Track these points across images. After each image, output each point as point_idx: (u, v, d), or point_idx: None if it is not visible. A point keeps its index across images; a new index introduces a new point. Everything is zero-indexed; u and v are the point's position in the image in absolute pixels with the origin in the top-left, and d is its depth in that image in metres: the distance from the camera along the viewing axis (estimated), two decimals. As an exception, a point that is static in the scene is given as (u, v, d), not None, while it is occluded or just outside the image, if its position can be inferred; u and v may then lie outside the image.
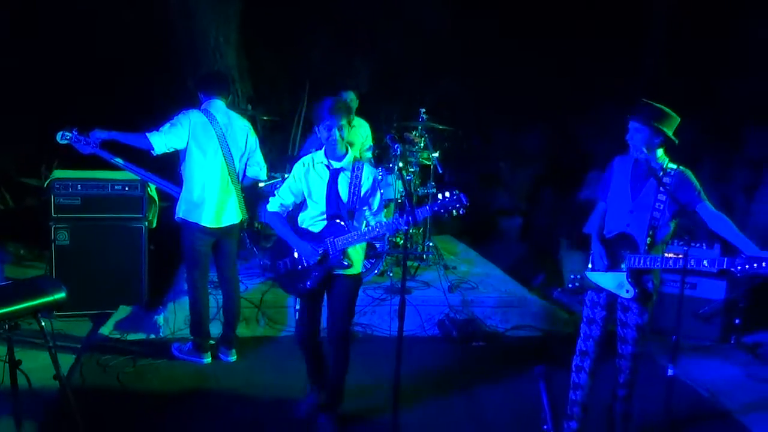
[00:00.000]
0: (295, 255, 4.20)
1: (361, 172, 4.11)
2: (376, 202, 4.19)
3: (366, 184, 4.10)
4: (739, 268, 3.53)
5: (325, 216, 4.16)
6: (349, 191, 4.10)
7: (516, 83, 8.85)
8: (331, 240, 4.08)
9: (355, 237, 4.03)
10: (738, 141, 8.27)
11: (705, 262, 3.66)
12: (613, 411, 4.20)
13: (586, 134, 9.25)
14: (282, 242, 4.28)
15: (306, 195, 4.22)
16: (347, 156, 4.12)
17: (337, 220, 4.10)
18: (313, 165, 4.20)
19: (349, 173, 4.12)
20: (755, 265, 3.49)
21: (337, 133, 4.02)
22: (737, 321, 6.06)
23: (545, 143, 9.73)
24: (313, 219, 4.20)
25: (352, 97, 7.35)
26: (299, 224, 4.27)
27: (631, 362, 4.10)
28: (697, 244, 5.98)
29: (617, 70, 8.80)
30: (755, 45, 7.94)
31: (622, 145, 4.16)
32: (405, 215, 3.79)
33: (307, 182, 4.19)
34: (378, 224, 4.03)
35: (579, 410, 4.21)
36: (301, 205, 4.33)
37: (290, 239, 4.18)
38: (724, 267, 3.57)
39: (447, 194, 3.82)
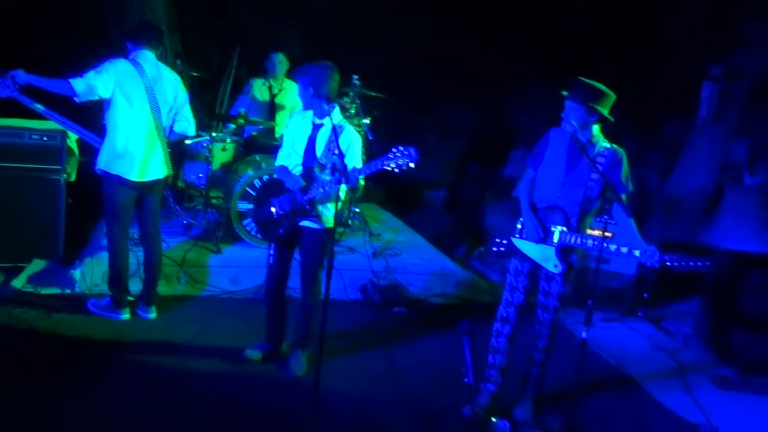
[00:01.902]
0: (272, 207, 4.56)
1: (341, 132, 4.31)
2: (350, 163, 4.29)
3: (342, 144, 4.22)
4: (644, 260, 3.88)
5: (301, 166, 4.50)
6: (325, 147, 4.39)
7: (447, 54, 8.91)
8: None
9: (320, 186, 4.31)
10: (655, 126, 8.59)
11: (624, 250, 3.90)
12: (529, 374, 4.37)
13: (514, 110, 9.41)
14: (261, 194, 4.76)
15: (290, 144, 4.57)
16: (331, 115, 4.29)
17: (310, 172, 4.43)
18: (302, 118, 4.57)
19: (328, 131, 4.33)
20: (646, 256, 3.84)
21: (311, 92, 4.35)
22: (645, 295, 6.34)
23: (473, 117, 9.85)
24: (293, 167, 4.54)
25: (281, 59, 7.29)
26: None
27: (550, 329, 4.27)
28: (614, 221, 6.20)
29: (544, 49, 8.95)
30: (676, 34, 8.24)
31: (548, 122, 4.27)
32: (339, 175, 3.82)
33: (293, 133, 4.58)
34: (332, 180, 4.27)
35: (496, 373, 4.35)
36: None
37: (284, 176, 4.53)
38: (638, 258, 3.89)
39: (399, 149, 3.89)
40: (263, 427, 3.99)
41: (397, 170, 3.90)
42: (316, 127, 4.48)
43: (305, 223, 4.50)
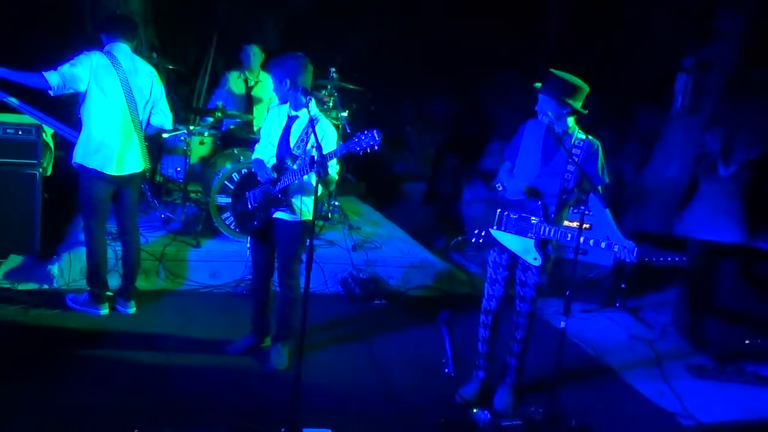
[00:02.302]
0: (248, 202, 4.60)
1: (316, 125, 4.19)
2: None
3: (318, 135, 4.11)
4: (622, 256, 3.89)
5: (275, 158, 4.53)
6: (298, 138, 4.39)
7: (424, 47, 8.92)
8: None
9: (290, 176, 4.33)
10: (630, 118, 8.67)
11: (603, 244, 3.93)
12: (508, 364, 4.41)
13: (490, 102, 9.46)
14: (238, 187, 4.78)
15: (266, 137, 4.62)
16: (307, 107, 4.23)
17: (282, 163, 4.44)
18: (279, 111, 4.58)
19: (304, 122, 4.34)
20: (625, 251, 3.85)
21: (287, 84, 4.34)
22: (623, 285, 6.41)
23: (451, 110, 9.88)
24: (269, 159, 4.56)
25: (255, 51, 7.23)
26: None
27: (527, 319, 4.31)
28: (590, 212, 6.25)
29: (520, 41, 9.00)
30: (649, 26, 8.31)
31: (524, 115, 4.29)
32: (316, 166, 3.82)
33: (270, 126, 4.63)
34: (299, 168, 4.29)
35: (485, 361, 4.45)
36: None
37: (258, 168, 4.54)
38: (616, 254, 3.91)
39: (363, 132, 3.91)
40: (246, 419, 3.98)
41: (361, 152, 3.94)
42: (291, 119, 4.48)
43: (279, 215, 4.50)
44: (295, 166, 4.36)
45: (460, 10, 8.97)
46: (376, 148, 3.93)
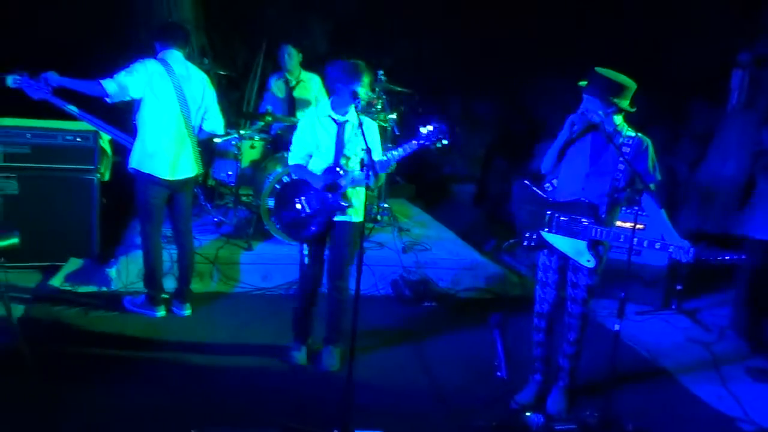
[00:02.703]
0: (298, 206, 4.52)
1: (364, 125, 4.21)
2: (376, 152, 4.34)
3: (367, 135, 4.15)
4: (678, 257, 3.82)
5: (332, 163, 4.46)
6: (353, 142, 4.43)
7: (471, 48, 8.88)
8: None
9: (349, 179, 4.34)
10: (683, 115, 8.49)
11: (657, 245, 3.86)
12: (561, 367, 4.36)
13: (537, 102, 9.36)
14: (285, 192, 4.63)
15: (307, 144, 4.51)
16: (350, 110, 4.31)
17: (337, 169, 4.41)
18: (319, 119, 4.48)
19: (354, 126, 4.38)
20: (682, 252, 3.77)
21: (362, 91, 4.34)
22: (679, 287, 6.27)
23: (497, 110, 9.82)
24: (321, 166, 4.48)
25: (291, 51, 7.19)
26: None
27: (580, 321, 4.25)
28: (645, 213, 6.15)
29: (566, 39, 8.88)
30: (699, 21, 8.13)
31: (571, 112, 4.23)
32: (366, 168, 3.84)
33: (311, 133, 4.49)
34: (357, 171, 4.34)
35: (541, 365, 4.42)
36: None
37: (309, 176, 4.49)
38: (671, 254, 3.83)
39: (429, 127, 3.97)
40: (298, 421, 4.02)
41: (432, 147, 4.03)
42: (341, 125, 4.46)
43: (337, 218, 4.51)
44: (352, 169, 4.38)
45: (507, 8, 8.90)
46: (446, 143, 4.00)
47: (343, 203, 4.40)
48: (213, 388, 4.30)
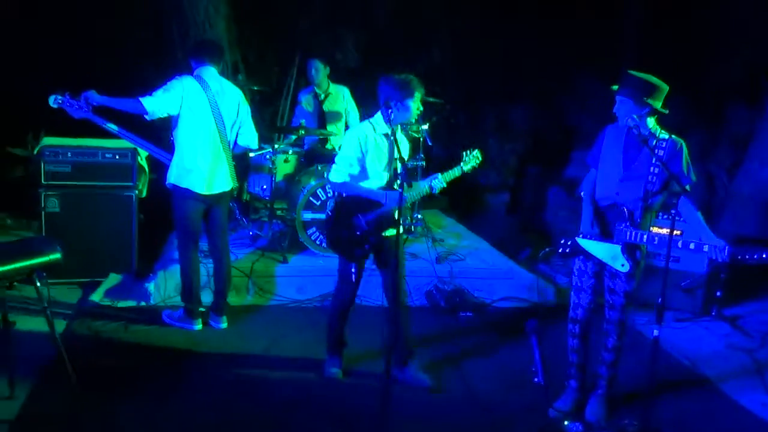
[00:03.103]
0: (354, 224, 4.42)
1: (397, 134, 4.34)
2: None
3: (402, 149, 4.26)
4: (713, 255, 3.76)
5: (395, 179, 4.47)
6: (403, 155, 4.27)
7: (502, 57, 8.88)
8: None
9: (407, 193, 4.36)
10: (720, 118, 8.37)
11: (691, 245, 3.80)
12: (600, 374, 4.31)
13: (570, 109, 9.32)
14: (339, 217, 4.48)
15: (366, 164, 4.43)
16: (389, 123, 4.30)
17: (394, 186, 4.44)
18: (368, 135, 4.41)
19: (399, 138, 4.35)
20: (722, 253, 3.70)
21: (413, 106, 4.37)
22: (718, 293, 6.17)
23: (530, 119, 9.79)
24: (380, 183, 4.49)
25: (318, 66, 7.25)
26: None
27: (618, 327, 4.20)
28: (682, 218, 6.07)
29: (600, 45, 8.84)
30: (736, 22, 8.02)
31: (605, 120, 4.21)
32: (400, 178, 3.88)
33: (367, 152, 4.41)
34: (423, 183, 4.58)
35: (576, 371, 4.38)
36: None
37: (374, 195, 4.43)
38: (707, 253, 3.77)
39: (467, 152, 4.45)
40: (337, 429, 4.04)
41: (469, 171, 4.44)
42: (390, 139, 4.43)
43: (389, 232, 4.49)
44: (421, 183, 4.54)
45: (539, 16, 8.89)
46: (478, 162, 4.48)
47: (404, 219, 4.44)
48: (252, 399, 4.33)
